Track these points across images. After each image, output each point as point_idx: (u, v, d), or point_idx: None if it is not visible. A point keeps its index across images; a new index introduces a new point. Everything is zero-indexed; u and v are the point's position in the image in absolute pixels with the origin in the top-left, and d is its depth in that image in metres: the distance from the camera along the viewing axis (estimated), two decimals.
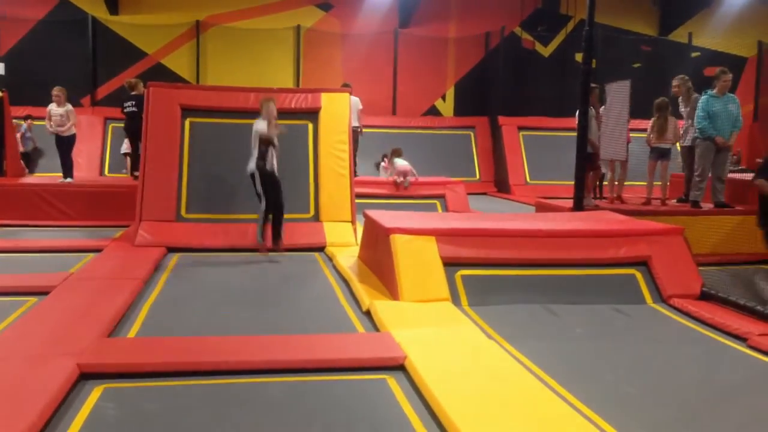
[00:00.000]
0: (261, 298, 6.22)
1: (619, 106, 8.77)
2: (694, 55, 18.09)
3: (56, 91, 10.96)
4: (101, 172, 15.48)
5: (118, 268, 6.80)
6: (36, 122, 14.73)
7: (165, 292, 6.26)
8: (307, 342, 4.71)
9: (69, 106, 11.10)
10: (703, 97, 8.66)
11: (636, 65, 17.50)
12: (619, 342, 5.10)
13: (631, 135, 9.08)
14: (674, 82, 9.33)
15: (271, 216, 7.94)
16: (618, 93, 8.80)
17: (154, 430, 3.43)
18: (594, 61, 8.66)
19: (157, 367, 4.12)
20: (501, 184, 17.16)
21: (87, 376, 3.99)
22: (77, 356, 4.11)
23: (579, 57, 17.17)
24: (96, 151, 15.71)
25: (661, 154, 9.40)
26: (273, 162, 7.77)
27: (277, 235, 7.98)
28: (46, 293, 5.76)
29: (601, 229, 6.64)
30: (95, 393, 3.81)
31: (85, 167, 14.99)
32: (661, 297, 6.15)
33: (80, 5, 16.62)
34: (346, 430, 3.52)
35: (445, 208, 11.95)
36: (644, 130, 9.82)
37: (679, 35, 18.57)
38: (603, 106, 9.46)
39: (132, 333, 5.02)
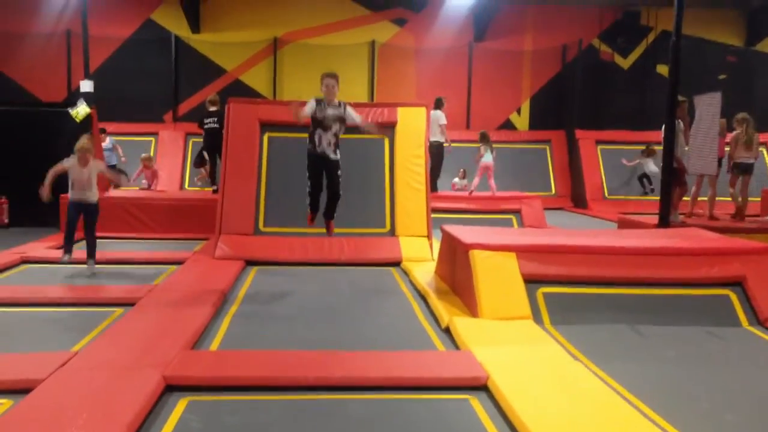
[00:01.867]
0: (338, 312, 6.20)
1: (709, 119, 8.42)
2: None
3: (84, 143, 7.48)
4: (181, 186, 15.92)
5: (199, 280, 6.91)
6: (114, 137, 15.15)
7: (244, 306, 6.32)
8: (387, 359, 4.65)
9: (99, 164, 7.75)
10: None
11: (722, 77, 16.85)
12: (714, 366, 4.83)
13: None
14: None
15: (321, 203, 7.13)
16: (708, 105, 8.45)
17: None
18: None
19: (239, 381, 4.14)
20: (578, 199, 16.79)
21: (172, 388, 4.04)
22: (163, 368, 4.16)
23: (660, 69, 16.85)
24: (177, 165, 16.19)
25: (744, 169, 9.07)
26: (324, 145, 6.73)
27: (329, 216, 7.22)
28: (131, 305, 5.90)
29: (691, 247, 6.34)
30: (180, 405, 3.85)
31: (167, 181, 15.45)
32: (757, 319, 5.82)
33: (164, 25, 17.23)
34: None
35: (521, 224, 11.74)
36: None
37: (767, 45, 17.81)
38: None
39: (214, 346, 5.07)
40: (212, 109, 11.16)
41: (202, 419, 3.69)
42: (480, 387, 4.22)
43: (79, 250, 7.65)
